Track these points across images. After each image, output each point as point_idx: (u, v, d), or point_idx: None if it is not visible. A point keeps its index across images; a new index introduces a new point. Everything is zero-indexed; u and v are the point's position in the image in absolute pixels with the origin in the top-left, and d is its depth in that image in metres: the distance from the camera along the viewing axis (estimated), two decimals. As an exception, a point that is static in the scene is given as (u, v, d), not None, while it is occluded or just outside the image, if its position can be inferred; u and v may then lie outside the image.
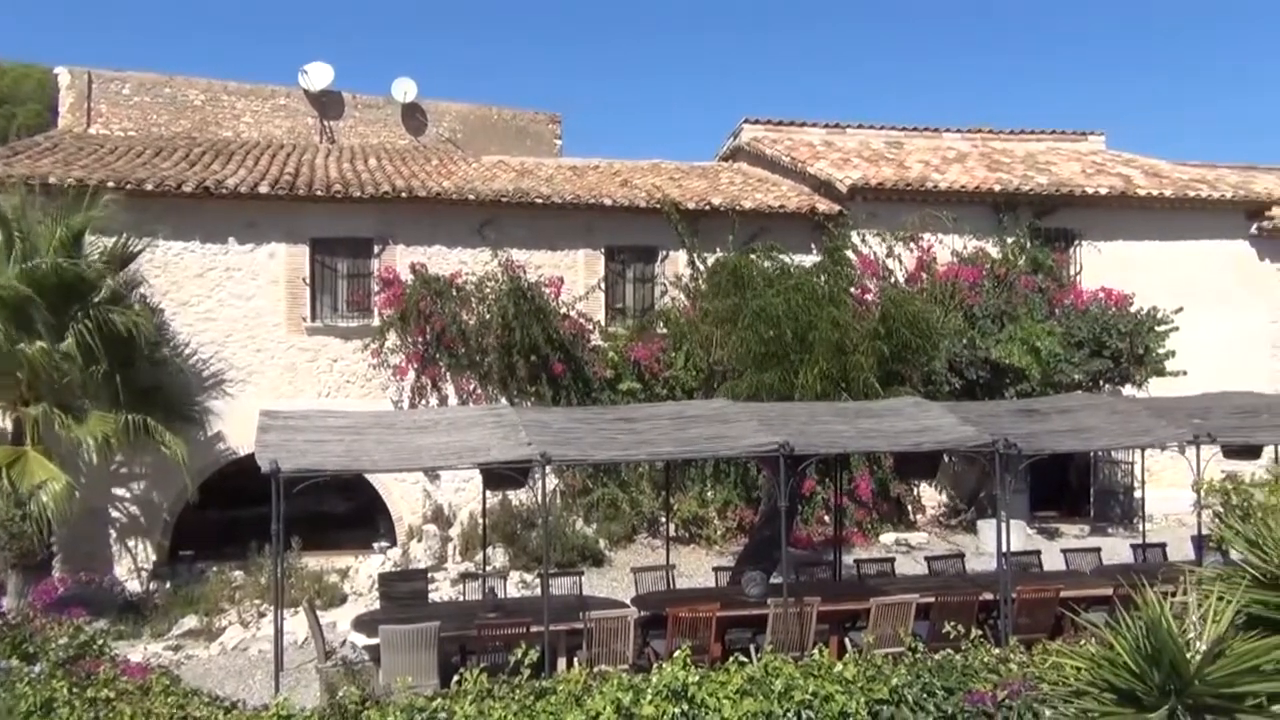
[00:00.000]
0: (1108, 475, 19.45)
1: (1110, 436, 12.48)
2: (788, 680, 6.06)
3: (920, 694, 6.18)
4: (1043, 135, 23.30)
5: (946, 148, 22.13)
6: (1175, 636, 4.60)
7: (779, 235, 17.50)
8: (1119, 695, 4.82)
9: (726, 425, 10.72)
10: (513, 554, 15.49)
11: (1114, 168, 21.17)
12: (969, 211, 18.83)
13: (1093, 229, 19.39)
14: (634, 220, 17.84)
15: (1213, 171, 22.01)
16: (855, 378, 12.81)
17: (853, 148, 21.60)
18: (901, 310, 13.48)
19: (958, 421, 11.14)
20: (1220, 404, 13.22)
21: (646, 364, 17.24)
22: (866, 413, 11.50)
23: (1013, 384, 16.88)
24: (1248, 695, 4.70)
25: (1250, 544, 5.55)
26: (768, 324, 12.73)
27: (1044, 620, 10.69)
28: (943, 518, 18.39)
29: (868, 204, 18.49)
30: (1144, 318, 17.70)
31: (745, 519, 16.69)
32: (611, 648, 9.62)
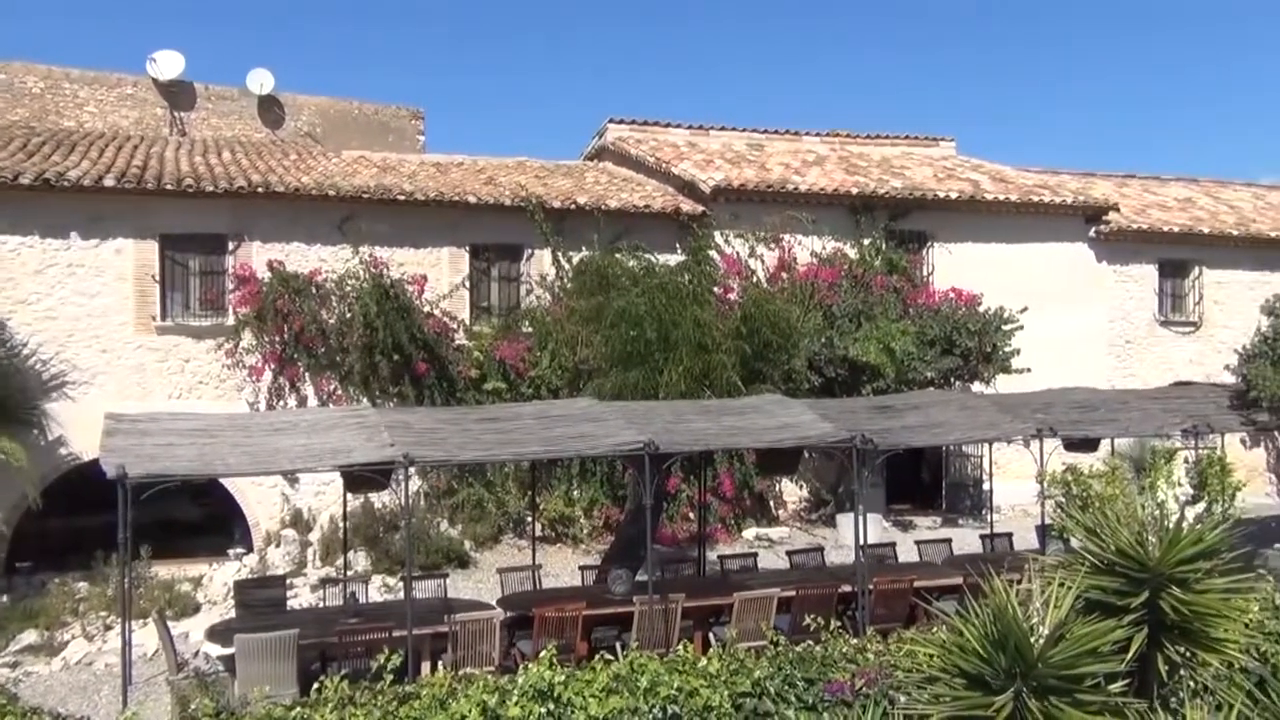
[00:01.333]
0: (958, 469, 20.21)
1: (960, 431, 12.96)
2: (653, 676, 6.10)
3: (782, 686, 6.30)
4: (897, 140, 24.05)
5: (806, 150, 22.64)
6: (1020, 622, 4.81)
7: (644, 235, 17.61)
8: (968, 679, 5.01)
9: (592, 424, 10.73)
10: (375, 558, 15.19)
11: (964, 173, 22.00)
12: (828, 213, 19.31)
13: (944, 231, 20.11)
14: (499, 218, 17.72)
15: (1054, 178, 23.12)
16: (718, 376, 12.97)
17: (716, 149, 21.90)
18: (763, 309, 13.72)
19: (817, 418, 11.40)
20: (1061, 399, 13.88)
21: (512, 363, 17.13)
22: (729, 410, 11.66)
23: (869, 381, 17.37)
24: (1087, 676, 4.95)
25: (1089, 532, 5.83)
26: (632, 323, 12.78)
27: (899, 610, 11.04)
28: (803, 512, 18.82)
29: (730, 205, 18.78)
30: (991, 317, 18.43)
31: (611, 517, 16.75)
32: (477, 650, 9.54)
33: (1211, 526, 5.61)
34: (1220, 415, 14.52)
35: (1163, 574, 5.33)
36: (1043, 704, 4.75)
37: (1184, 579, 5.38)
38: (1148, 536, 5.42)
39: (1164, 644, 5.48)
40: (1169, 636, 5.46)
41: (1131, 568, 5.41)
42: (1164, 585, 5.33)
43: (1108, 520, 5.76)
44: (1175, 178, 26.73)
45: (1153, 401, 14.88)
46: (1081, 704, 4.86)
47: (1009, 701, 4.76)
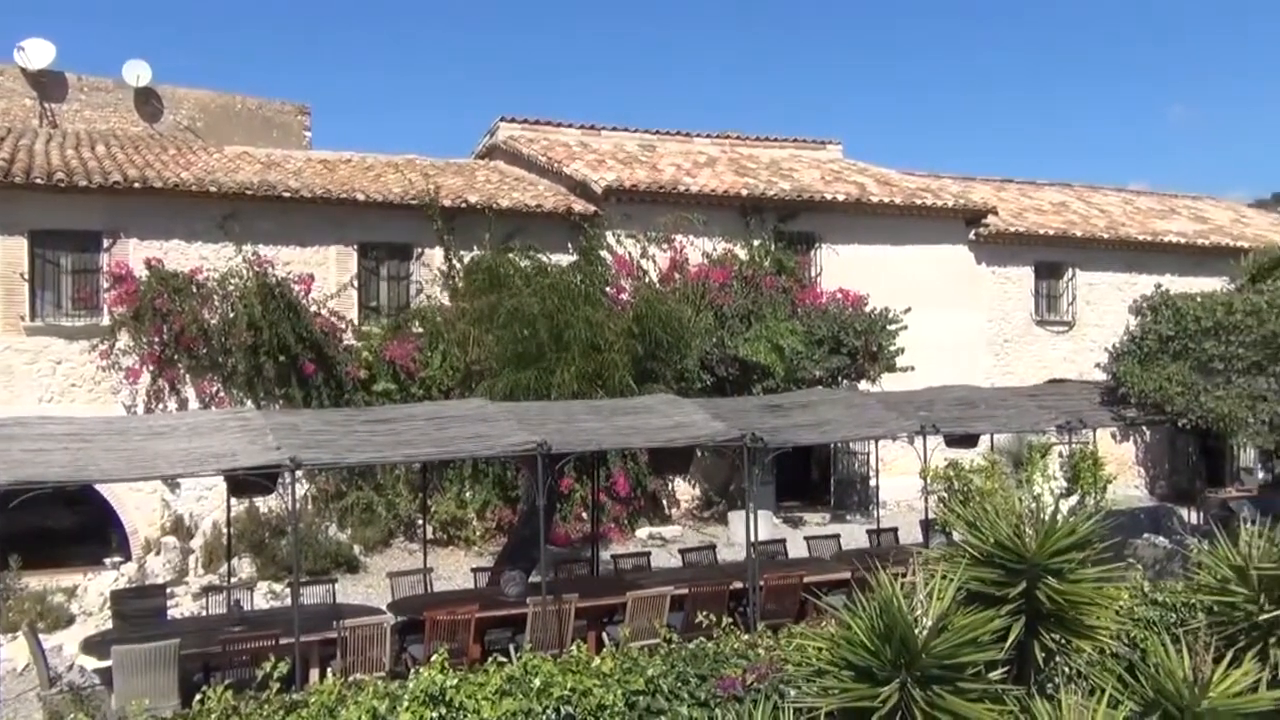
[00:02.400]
0: (846, 465, 20.62)
1: (848, 429, 13.24)
2: (546, 677, 6.09)
3: (675, 683, 6.34)
4: (786, 143, 24.44)
5: (697, 152, 22.84)
6: (904, 614, 4.94)
7: (536, 234, 17.56)
8: (856, 672, 5.12)
9: (485, 425, 10.64)
10: (261, 564, 14.81)
11: (850, 176, 22.47)
12: (718, 214, 19.51)
13: (831, 233, 20.51)
14: (388, 216, 17.45)
15: (936, 181, 23.78)
16: (611, 376, 13.01)
17: (608, 149, 21.94)
18: (655, 310, 13.81)
19: (709, 417, 11.50)
20: (943, 397, 14.28)
21: (402, 364, 16.89)
22: (622, 410, 11.69)
23: (759, 380, 17.62)
24: (968, 665, 5.10)
25: (970, 525, 6.02)
26: (524, 323, 12.75)
27: (789, 605, 11.21)
28: (696, 510, 18.98)
29: (622, 205, 18.83)
30: (877, 317, 18.86)
31: (504, 519, 16.64)
32: (367, 655, 9.37)
33: (1084, 518, 5.84)
34: (1092, 411, 15.12)
35: (1039, 565, 5.52)
36: (926, 694, 4.88)
37: (1059, 569, 5.59)
38: (1025, 529, 5.61)
39: (1040, 632, 5.68)
40: (1045, 625, 5.67)
41: (1010, 559, 5.60)
42: (1040, 575, 5.52)
43: (987, 514, 5.95)
44: (1050, 182, 27.76)
45: (1029, 398, 15.42)
46: (963, 692, 5.00)
47: (894, 692, 4.88)
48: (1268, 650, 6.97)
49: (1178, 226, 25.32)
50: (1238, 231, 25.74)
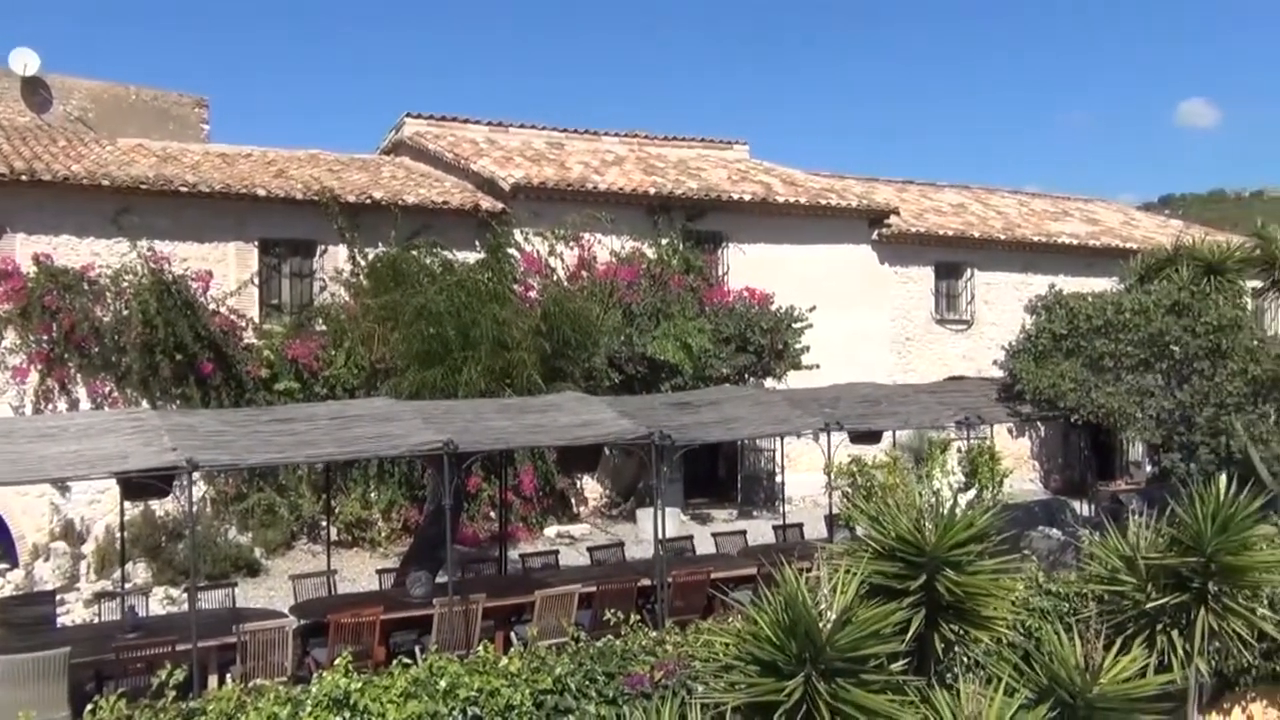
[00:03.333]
0: (753, 462, 20.85)
1: (754, 426, 13.38)
2: (453, 678, 6.04)
3: (583, 681, 6.34)
4: (693, 142, 24.59)
5: (605, 150, 22.85)
6: (809, 609, 5.01)
7: (442, 232, 17.36)
8: (762, 666, 5.19)
9: (390, 424, 10.50)
10: (157, 569, 14.38)
11: (756, 175, 22.70)
12: (626, 213, 19.54)
13: (738, 232, 20.70)
14: (290, 212, 17.10)
15: (841, 182, 24.16)
16: (518, 374, 12.94)
17: (515, 146, 21.82)
18: (563, 308, 13.78)
19: (617, 415, 11.53)
20: (847, 394, 14.53)
21: (305, 362, 16.56)
22: (530, 408, 11.65)
23: (667, 378, 17.70)
24: (871, 657, 5.21)
25: (872, 520, 6.14)
26: (430, 321, 12.60)
27: (697, 601, 11.29)
28: (604, 508, 18.99)
29: (530, 203, 18.75)
30: (783, 315, 19.10)
31: (411, 519, 16.44)
32: (268, 660, 9.18)
33: (982, 512, 6.00)
34: (989, 407, 15.53)
35: (939, 558, 5.66)
36: (830, 686, 4.96)
37: (958, 562, 5.73)
38: (925, 523, 5.74)
39: (940, 623, 5.82)
40: (945, 616, 5.81)
41: (911, 553, 5.73)
42: (940, 568, 5.66)
43: (889, 509, 6.08)
44: (949, 184, 28.42)
45: (930, 395, 15.77)
46: (866, 684, 5.10)
47: (799, 686, 4.95)
48: (1155, 637, 7.26)
49: (1070, 228, 26.16)
50: (1127, 233, 26.69)
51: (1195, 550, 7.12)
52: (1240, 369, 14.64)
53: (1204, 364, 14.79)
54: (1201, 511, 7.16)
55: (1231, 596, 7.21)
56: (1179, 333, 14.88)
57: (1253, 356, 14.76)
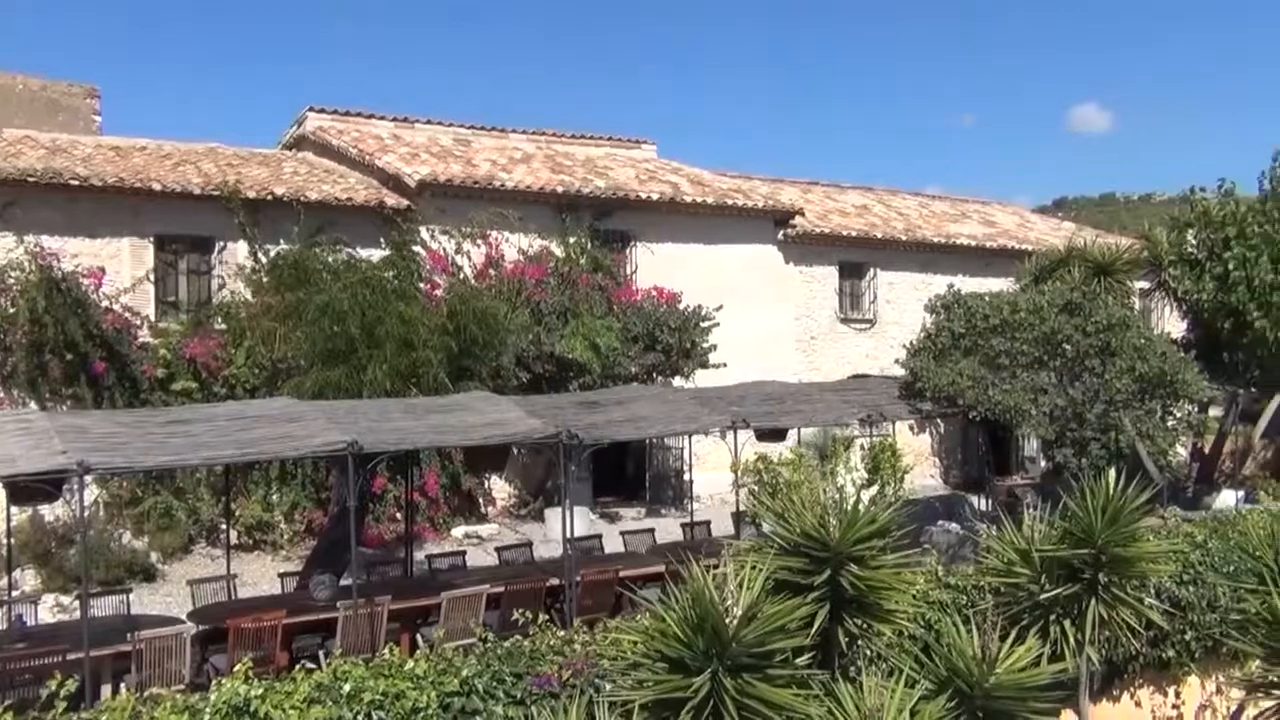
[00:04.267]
0: (661, 461, 20.94)
1: (662, 424, 13.45)
2: (357, 683, 5.96)
3: (490, 682, 6.31)
4: (601, 141, 24.59)
5: (513, 148, 22.72)
6: (716, 605, 5.06)
7: (346, 229, 17.08)
8: (670, 663, 5.22)
9: (292, 425, 10.30)
10: (47, 575, 13.88)
11: (664, 175, 22.81)
12: (534, 211, 19.46)
13: (646, 231, 20.77)
14: (188, 208, 16.65)
15: (747, 182, 24.40)
16: (425, 373, 12.81)
17: (422, 143, 21.56)
18: (470, 306, 13.68)
19: (525, 415, 11.49)
20: (754, 392, 14.70)
21: (203, 362, 16.13)
22: (436, 408, 11.54)
23: (576, 377, 17.68)
24: (776, 652, 5.28)
25: (778, 517, 6.23)
26: (334, 319, 12.41)
27: (605, 600, 11.31)
28: (512, 508, 18.89)
29: (437, 200, 18.55)
30: (691, 314, 19.22)
31: (314, 521, 16.14)
32: (165, 668, 8.92)
33: (884, 508, 6.13)
34: (891, 405, 15.86)
35: (843, 553, 5.77)
36: (737, 682, 5.02)
37: (861, 557, 5.85)
38: (829, 519, 5.84)
39: (844, 617, 5.94)
40: (848, 610, 5.93)
41: (815, 548, 5.82)
42: (844, 563, 5.77)
43: (794, 505, 6.17)
44: (853, 186, 28.91)
45: (834, 393, 16.05)
46: (771, 679, 5.17)
47: (706, 682, 5.00)
48: (1048, 627, 7.50)
49: (969, 230, 26.83)
50: (1022, 235, 27.49)
51: (1086, 542, 7.37)
52: (1128, 367, 15.19)
53: (1094, 362, 15.31)
54: (1092, 505, 7.42)
55: (1120, 586, 7.49)
56: (1071, 332, 15.38)
57: (1140, 355, 15.34)
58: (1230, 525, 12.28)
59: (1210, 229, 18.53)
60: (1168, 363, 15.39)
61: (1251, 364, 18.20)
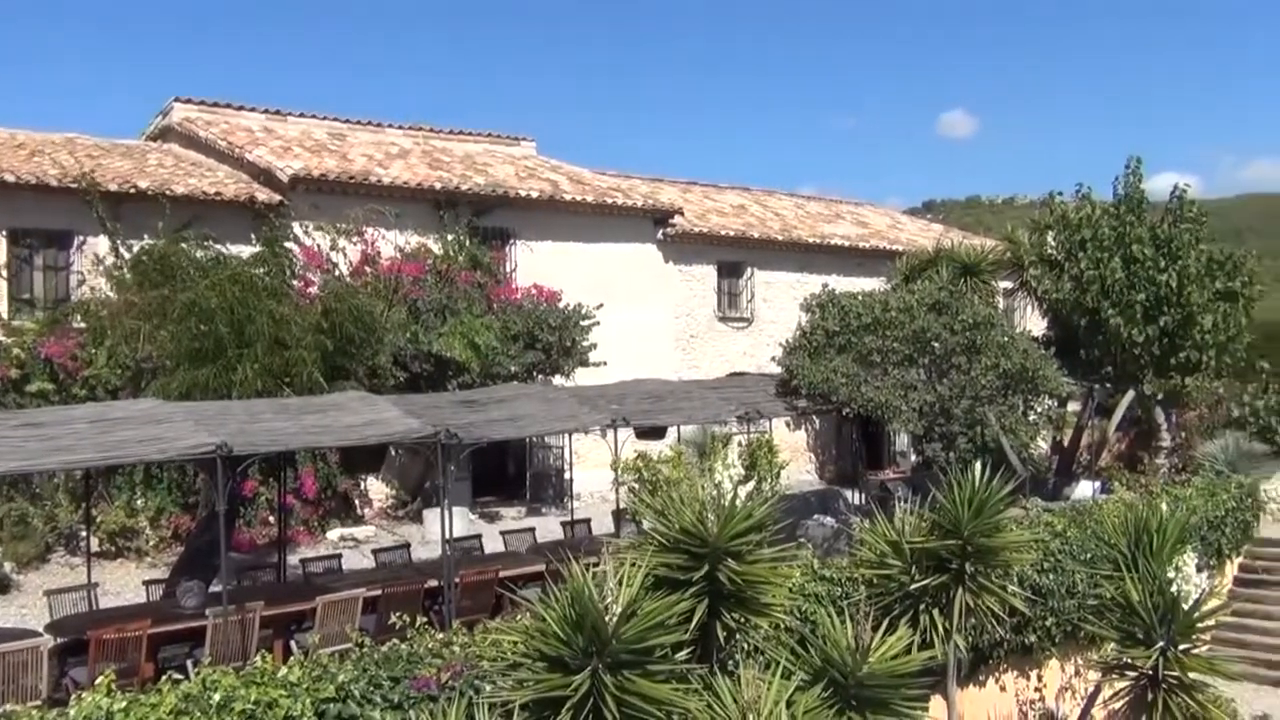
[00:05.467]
0: (541, 459, 20.89)
1: (542, 423, 13.42)
2: (227, 692, 5.78)
3: (367, 688, 6.21)
4: (480, 137, 24.38)
5: (390, 143, 22.36)
6: (595, 603, 5.07)
7: (215, 224, 16.56)
8: (550, 662, 5.22)
9: (158, 427, 9.94)
10: (-113, 589, 13.11)
11: (544, 173, 22.75)
12: (412, 207, 19.17)
13: (526, 229, 20.68)
14: (44, 200, 15.92)
15: (626, 181, 24.51)
16: (298, 373, 12.55)
17: (294, 136, 21.04)
18: (345, 304, 13.46)
19: (402, 414, 11.32)
20: (634, 390, 14.79)
21: (61, 362, 15.42)
22: (310, 408, 11.29)
23: (455, 376, 17.48)
24: (656, 648, 5.33)
25: (658, 514, 6.28)
26: (202, 318, 12.06)
27: (485, 601, 11.24)
28: (390, 510, 18.60)
29: (310, 195, 18.12)
30: (571, 313, 19.20)
31: (182, 526, 15.60)
32: (20, 684, 8.52)
33: (761, 503, 6.23)
34: (768, 402, 16.15)
35: (720, 548, 5.84)
36: (617, 678, 5.04)
37: (738, 552, 5.94)
38: (708, 515, 5.91)
39: (722, 612, 6.02)
40: (726, 605, 6.01)
41: (694, 544, 5.89)
42: (722, 558, 5.85)
43: (674, 502, 6.23)
44: (731, 186, 29.31)
45: (712, 391, 16.26)
46: (651, 674, 5.21)
47: (586, 679, 5.01)
48: (918, 616, 7.74)
49: (842, 230, 27.48)
50: (893, 236, 28.28)
51: (954, 534, 7.63)
52: (993, 364, 15.78)
53: (961, 359, 15.86)
54: (959, 497, 7.68)
55: (986, 575, 7.78)
56: (939, 330, 15.90)
57: (1003, 352, 15.94)
58: (1087, 515, 12.87)
59: (1068, 231, 19.34)
60: (1029, 360, 16.03)
61: (1106, 360, 19.08)
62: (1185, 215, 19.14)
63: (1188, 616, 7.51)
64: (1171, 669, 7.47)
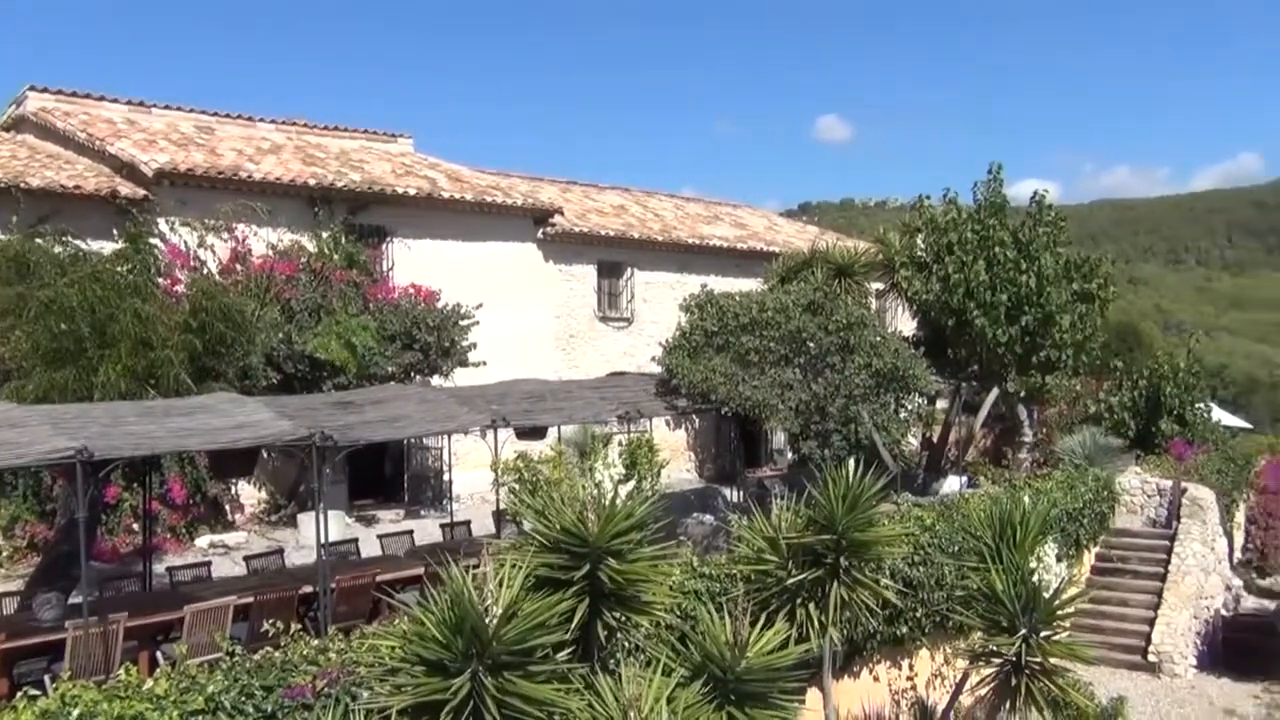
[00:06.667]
0: (420, 461, 20.61)
1: (421, 424, 13.25)
2: (88, 707, 5.56)
3: (239, 698, 6.04)
4: (356, 133, 23.92)
5: (261, 138, 21.75)
6: (475, 605, 5.04)
7: (74, 219, 15.87)
8: (429, 666, 5.16)
9: (11, 431, 9.47)
10: None
11: (422, 170, 22.44)
12: (284, 204, 18.68)
13: (403, 227, 20.37)
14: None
15: (506, 180, 24.37)
16: (165, 374, 12.10)
17: (160, 129, 20.29)
18: (216, 303, 13.03)
19: (275, 416, 11.04)
20: (514, 391, 14.72)
21: (-98, 364, 14.58)
22: (178, 411, 10.91)
23: (330, 377, 17.12)
24: (537, 648, 5.32)
25: (538, 514, 6.26)
26: (60, 317, 11.53)
27: (362, 605, 11.05)
28: (263, 514, 18.11)
29: (177, 190, 17.50)
30: (450, 313, 18.99)
31: (39, 535, 14.91)
32: None
33: (641, 502, 6.27)
34: (648, 401, 16.25)
35: (601, 547, 5.86)
36: (497, 680, 5.02)
37: (619, 551, 5.96)
38: (588, 515, 5.92)
39: (603, 611, 6.04)
40: (607, 604, 6.04)
41: (575, 544, 5.90)
42: (603, 557, 5.87)
43: (554, 502, 6.23)
44: (611, 186, 29.41)
45: (593, 390, 16.29)
46: (532, 675, 5.20)
47: (466, 683, 4.97)
48: (795, 610, 7.90)
49: (721, 231, 27.83)
50: (770, 237, 28.77)
51: (829, 529, 7.81)
52: (866, 363, 16.20)
53: (835, 358, 16.23)
54: (833, 494, 7.87)
55: (860, 569, 7.98)
56: (814, 330, 16.24)
57: (876, 351, 16.38)
58: (955, 509, 13.31)
59: (936, 234, 19.99)
60: (900, 359, 16.51)
61: (972, 359, 19.79)
62: (1044, 219, 19.98)
63: (1048, 605, 7.83)
64: (1034, 655, 7.79)
